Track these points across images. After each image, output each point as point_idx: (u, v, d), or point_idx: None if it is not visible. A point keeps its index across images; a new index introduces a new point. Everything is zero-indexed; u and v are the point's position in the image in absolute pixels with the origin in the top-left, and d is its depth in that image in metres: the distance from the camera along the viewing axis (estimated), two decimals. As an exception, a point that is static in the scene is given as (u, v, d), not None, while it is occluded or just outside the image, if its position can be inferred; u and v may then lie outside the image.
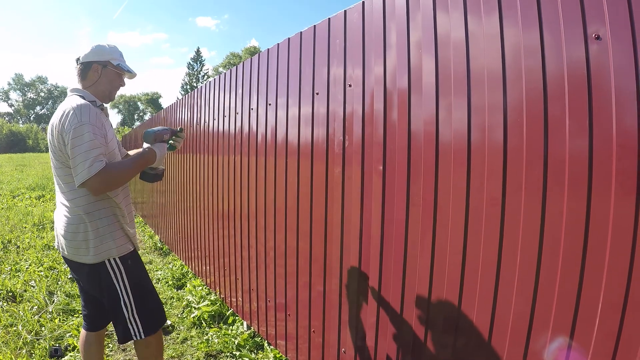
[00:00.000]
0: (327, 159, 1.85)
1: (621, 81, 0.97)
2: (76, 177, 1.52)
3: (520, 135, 1.15)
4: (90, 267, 1.66)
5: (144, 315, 1.72)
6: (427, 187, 1.40)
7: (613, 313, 0.99)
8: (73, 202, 1.63)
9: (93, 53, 1.71)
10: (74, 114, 1.54)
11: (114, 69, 1.75)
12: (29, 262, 4.32)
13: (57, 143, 1.59)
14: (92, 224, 1.63)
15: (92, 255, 1.63)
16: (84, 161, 1.49)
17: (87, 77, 1.72)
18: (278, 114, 2.21)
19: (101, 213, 1.65)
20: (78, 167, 1.51)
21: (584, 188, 1.03)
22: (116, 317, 1.72)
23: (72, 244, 1.65)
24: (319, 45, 1.90)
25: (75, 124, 1.52)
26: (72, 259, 1.69)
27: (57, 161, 1.63)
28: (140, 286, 1.75)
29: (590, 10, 1.02)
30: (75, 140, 1.51)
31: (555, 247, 1.09)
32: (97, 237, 1.63)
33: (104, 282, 1.68)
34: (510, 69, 1.17)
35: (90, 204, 1.63)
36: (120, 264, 1.69)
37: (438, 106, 1.36)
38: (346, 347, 1.79)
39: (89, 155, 1.50)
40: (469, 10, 1.27)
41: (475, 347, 1.28)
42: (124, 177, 1.65)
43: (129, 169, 1.66)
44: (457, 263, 1.32)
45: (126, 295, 1.69)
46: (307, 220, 1.99)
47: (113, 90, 1.78)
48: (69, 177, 1.60)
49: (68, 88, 1.76)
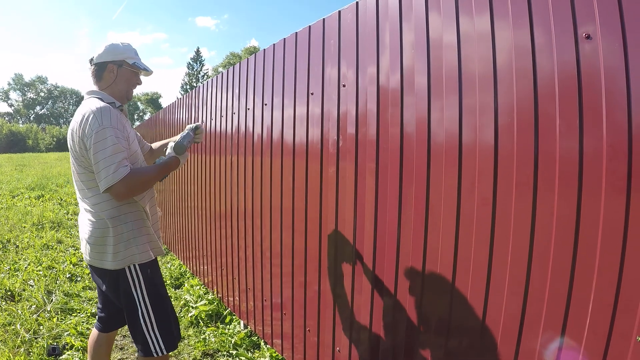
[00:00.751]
0: (321, 159, 1.86)
1: (611, 81, 0.97)
2: (100, 183, 1.50)
3: (511, 135, 1.15)
4: (111, 272, 1.64)
5: (164, 329, 1.68)
6: (419, 187, 1.40)
7: (604, 313, 0.99)
8: (97, 206, 1.59)
9: (107, 53, 1.66)
10: (95, 118, 1.50)
11: (129, 68, 1.70)
12: (27, 261, 4.32)
13: (78, 148, 1.55)
14: (116, 229, 1.59)
15: (115, 260, 1.60)
16: (108, 166, 1.47)
17: (103, 78, 1.68)
18: (274, 114, 2.21)
19: (126, 218, 1.62)
20: (102, 172, 1.48)
21: (574, 188, 1.03)
22: (134, 328, 1.68)
23: (96, 248, 1.62)
24: (314, 45, 1.90)
25: (96, 128, 1.49)
26: (95, 264, 1.65)
27: (79, 166, 1.59)
28: (159, 298, 1.70)
29: (580, 10, 1.02)
30: (97, 145, 1.48)
31: (545, 246, 1.09)
32: (121, 242, 1.60)
33: (122, 290, 1.65)
34: (501, 69, 1.17)
35: (115, 209, 1.59)
36: (140, 272, 1.65)
37: (430, 106, 1.36)
38: (341, 346, 1.79)
39: (113, 160, 1.48)
40: (461, 10, 1.27)
41: (467, 347, 1.28)
42: (148, 183, 1.64)
43: (153, 174, 1.65)
44: (448, 263, 1.32)
45: (144, 306, 1.65)
46: (302, 220, 2.00)
47: (130, 89, 1.75)
48: (92, 182, 1.57)
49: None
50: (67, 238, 5.47)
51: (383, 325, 1.58)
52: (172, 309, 1.78)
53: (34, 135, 43.17)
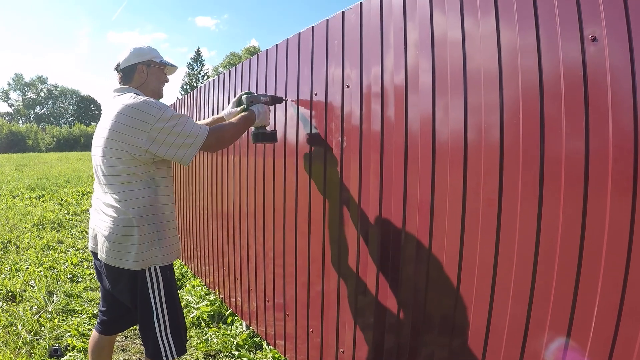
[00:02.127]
0: (325, 159, 1.86)
1: (617, 82, 0.97)
2: (188, 150, 1.54)
3: (517, 135, 1.15)
4: (130, 273, 1.60)
5: (176, 335, 1.66)
6: (423, 187, 1.40)
7: (609, 316, 0.99)
8: (125, 203, 1.56)
9: (134, 55, 1.69)
10: (149, 106, 1.52)
11: (158, 66, 1.74)
12: (28, 262, 4.32)
13: (120, 141, 1.51)
14: (142, 229, 1.57)
15: (137, 261, 1.57)
16: (190, 133, 1.54)
17: (133, 79, 1.70)
18: (277, 114, 2.21)
19: (152, 218, 1.60)
20: (187, 140, 1.54)
21: (580, 188, 1.03)
22: (146, 330, 1.65)
23: (117, 247, 1.57)
24: (317, 46, 1.90)
25: (156, 112, 1.50)
26: (113, 263, 1.60)
27: (115, 159, 1.55)
28: (174, 302, 1.68)
29: (586, 11, 1.02)
30: (168, 126, 1.51)
31: (551, 247, 1.09)
32: (145, 242, 1.57)
33: (140, 291, 1.62)
34: (506, 68, 1.17)
35: (142, 208, 1.57)
36: (160, 274, 1.63)
37: (435, 106, 1.36)
38: (345, 347, 1.79)
39: (192, 125, 1.55)
40: (466, 10, 1.27)
41: (471, 349, 1.28)
42: (233, 133, 1.71)
43: (234, 125, 1.71)
44: (453, 264, 1.32)
45: (160, 310, 1.63)
46: (306, 220, 1.99)
47: (161, 87, 1.79)
48: (125, 177, 1.55)
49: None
50: (68, 238, 5.46)
51: (387, 326, 1.58)
52: (183, 313, 1.77)
53: (34, 135, 43.11)
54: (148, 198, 1.59)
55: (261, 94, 1.92)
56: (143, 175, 1.57)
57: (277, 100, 2.02)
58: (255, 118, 1.82)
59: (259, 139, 1.91)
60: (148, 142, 1.51)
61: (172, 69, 1.82)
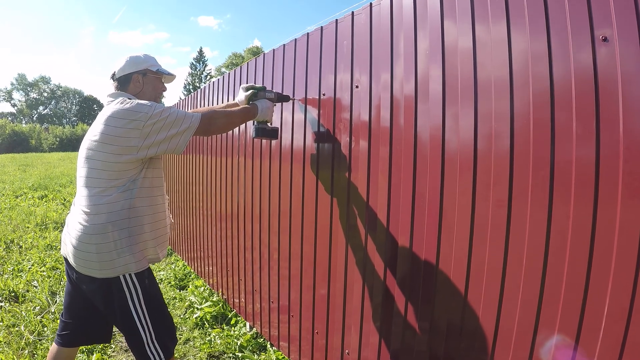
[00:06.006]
0: (332, 164, 1.85)
1: (629, 83, 0.97)
2: (182, 137, 1.55)
3: (527, 141, 1.14)
4: (101, 281, 1.53)
5: (163, 341, 1.62)
6: (432, 194, 1.40)
7: (618, 321, 0.98)
8: (96, 208, 1.50)
9: (129, 64, 1.65)
10: (141, 105, 1.51)
11: (154, 75, 1.70)
12: (31, 262, 4.32)
13: (112, 144, 1.48)
14: (112, 235, 1.50)
15: (106, 269, 1.51)
16: (182, 121, 1.55)
17: (128, 89, 1.66)
18: (284, 115, 2.21)
19: (123, 223, 1.52)
20: (182, 128, 1.54)
21: (590, 191, 1.02)
22: (132, 340, 1.61)
23: (83, 255, 1.51)
24: (326, 47, 1.90)
25: (148, 110, 1.50)
26: (82, 272, 1.54)
27: (97, 161, 1.50)
28: (157, 308, 1.63)
29: (597, 11, 1.02)
30: (160, 120, 1.51)
31: (561, 250, 1.08)
32: (115, 249, 1.51)
33: (117, 301, 1.55)
34: (517, 75, 1.17)
35: (114, 213, 1.51)
36: (137, 282, 1.56)
37: (445, 113, 1.36)
38: (350, 350, 1.78)
39: (182, 114, 1.55)
40: (477, 17, 1.27)
41: (479, 353, 1.27)
42: (227, 121, 1.70)
43: (230, 112, 1.71)
44: (462, 269, 1.31)
45: (143, 318, 1.58)
46: (312, 224, 1.99)
47: (158, 96, 1.74)
48: (102, 180, 1.50)
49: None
50: (71, 238, 5.46)
51: (393, 330, 1.57)
52: (169, 316, 1.70)
53: (37, 135, 43.24)
54: (121, 202, 1.52)
55: (268, 90, 1.94)
56: (123, 180, 1.52)
57: (283, 99, 2.01)
58: (257, 112, 1.82)
59: (259, 134, 1.92)
60: (141, 140, 1.49)
61: (170, 78, 1.78)
